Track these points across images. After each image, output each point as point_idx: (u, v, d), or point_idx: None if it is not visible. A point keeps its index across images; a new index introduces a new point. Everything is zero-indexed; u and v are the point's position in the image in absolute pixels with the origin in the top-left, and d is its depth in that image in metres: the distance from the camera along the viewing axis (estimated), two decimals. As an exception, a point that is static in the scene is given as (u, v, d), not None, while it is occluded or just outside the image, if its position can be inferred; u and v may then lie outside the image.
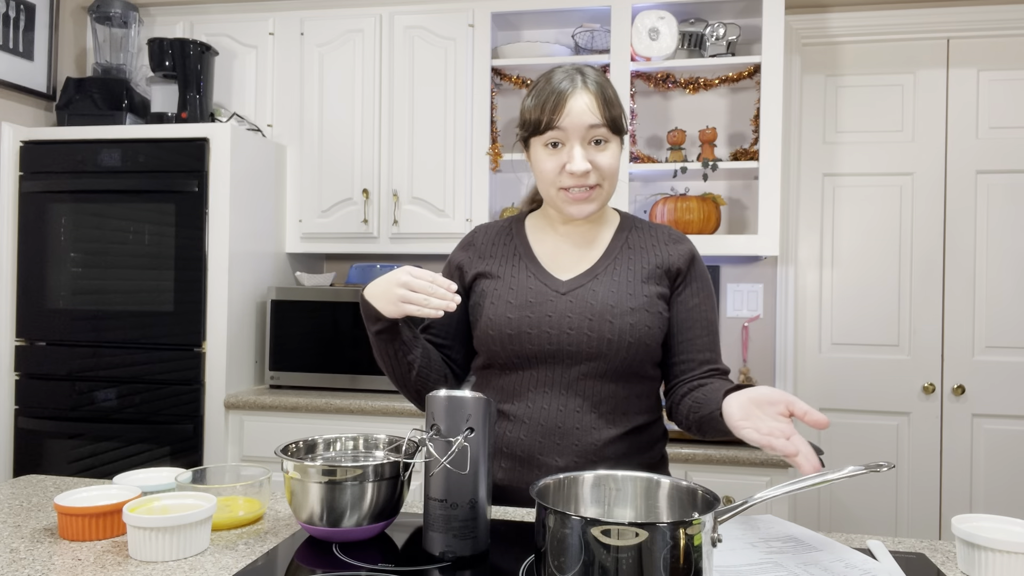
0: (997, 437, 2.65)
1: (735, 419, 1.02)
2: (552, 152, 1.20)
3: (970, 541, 0.95)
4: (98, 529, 1.04)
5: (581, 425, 1.20)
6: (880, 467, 0.87)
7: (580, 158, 1.17)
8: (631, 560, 0.77)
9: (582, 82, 1.19)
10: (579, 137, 1.18)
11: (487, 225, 1.36)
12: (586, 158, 1.17)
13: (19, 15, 2.68)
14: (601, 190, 1.21)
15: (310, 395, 2.51)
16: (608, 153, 1.20)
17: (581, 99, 1.18)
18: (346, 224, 2.75)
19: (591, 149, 1.19)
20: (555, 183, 1.20)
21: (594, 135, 1.18)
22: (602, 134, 1.19)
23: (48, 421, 2.54)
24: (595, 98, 1.18)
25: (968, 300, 2.67)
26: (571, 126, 1.17)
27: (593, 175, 1.19)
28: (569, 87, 1.18)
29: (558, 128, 1.18)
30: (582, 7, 2.60)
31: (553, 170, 1.20)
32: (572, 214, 1.22)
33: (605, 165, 1.19)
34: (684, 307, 1.26)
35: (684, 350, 1.25)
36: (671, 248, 1.28)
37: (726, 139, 2.76)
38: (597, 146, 1.19)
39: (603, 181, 1.20)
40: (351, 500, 1.01)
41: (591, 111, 1.17)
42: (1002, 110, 2.66)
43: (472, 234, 1.35)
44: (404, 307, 1.12)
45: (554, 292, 1.23)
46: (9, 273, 2.58)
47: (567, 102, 1.17)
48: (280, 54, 2.82)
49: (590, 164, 1.18)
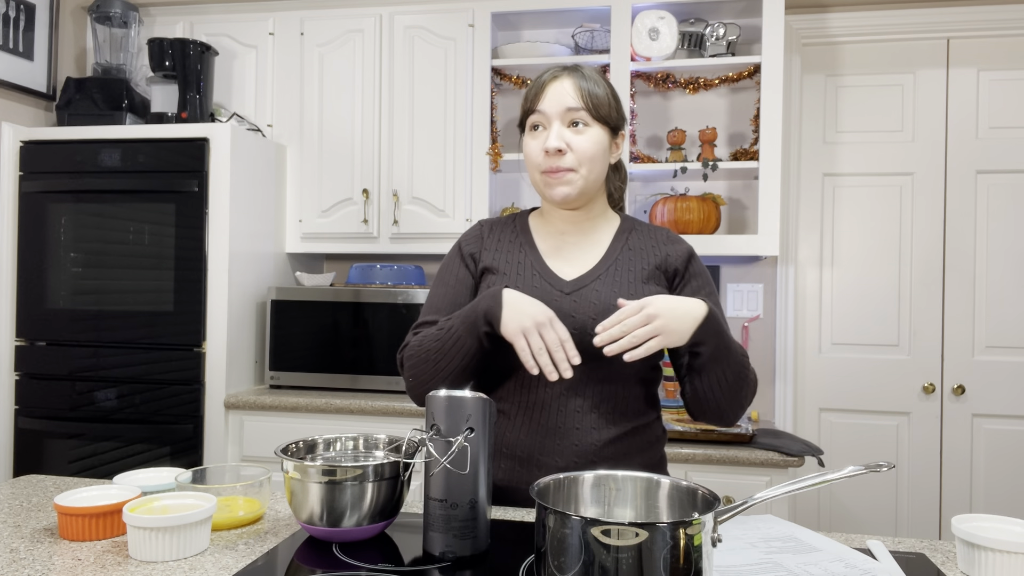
0: (997, 437, 2.65)
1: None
2: (534, 135, 1.23)
3: (970, 541, 0.95)
4: (98, 529, 1.04)
5: (581, 425, 1.20)
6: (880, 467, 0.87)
7: (554, 136, 1.20)
8: (631, 560, 0.77)
9: (565, 70, 1.23)
10: (558, 118, 1.21)
11: (492, 220, 1.36)
12: (561, 138, 1.19)
13: (19, 15, 2.68)
14: (577, 175, 1.21)
15: (310, 395, 2.51)
16: (585, 137, 1.21)
17: (561, 84, 1.21)
18: (346, 224, 2.75)
19: (568, 131, 1.21)
20: (538, 166, 1.23)
21: (572, 117, 1.20)
22: (581, 117, 1.20)
23: (48, 421, 2.54)
24: (575, 82, 1.21)
25: (968, 300, 2.67)
26: (549, 108, 1.21)
27: (569, 157, 1.20)
28: (551, 75, 1.23)
29: (539, 112, 1.22)
30: (582, 7, 2.60)
31: (535, 153, 1.23)
32: (551, 197, 1.23)
33: (581, 148, 1.20)
34: None
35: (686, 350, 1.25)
36: (669, 248, 1.29)
37: (726, 139, 2.76)
38: (575, 128, 1.21)
39: (580, 166, 1.21)
40: (351, 500, 1.01)
41: (569, 94, 1.20)
42: (1002, 110, 2.66)
43: (480, 227, 1.35)
44: (520, 340, 1.10)
45: (559, 292, 1.23)
46: (9, 273, 2.58)
47: (547, 87, 1.22)
48: (280, 54, 2.82)
49: (565, 144, 1.19)
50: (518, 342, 1.10)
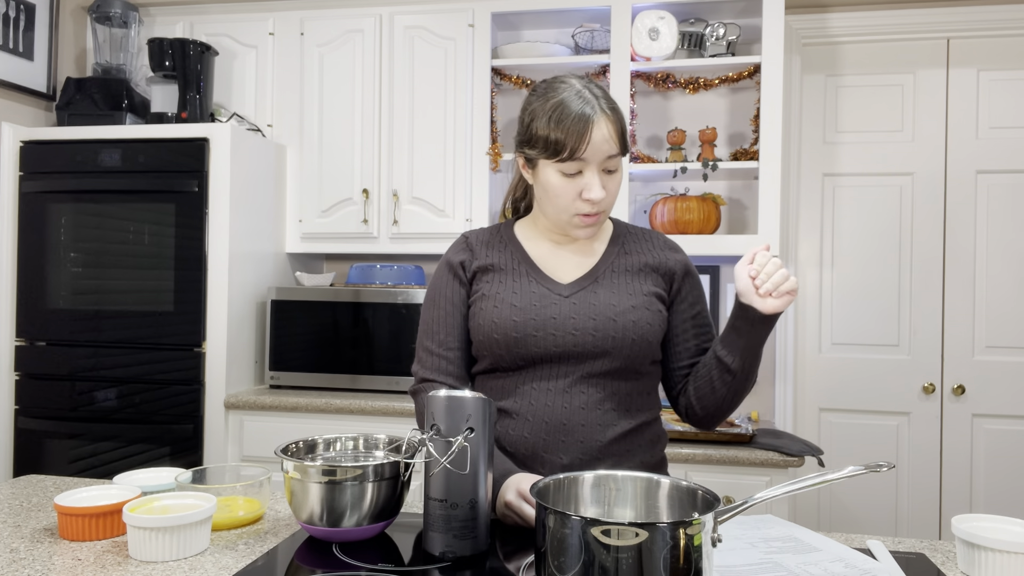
0: (997, 437, 2.65)
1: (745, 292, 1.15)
2: (569, 179, 1.19)
3: (970, 541, 0.95)
4: (98, 529, 1.04)
5: (587, 422, 1.20)
6: (880, 467, 0.87)
7: (599, 187, 1.18)
8: (631, 560, 0.77)
9: (600, 109, 1.18)
10: (597, 165, 1.18)
11: (477, 231, 1.36)
12: (603, 187, 1.19)
13: (19, 15, 2.68)
14: (604, 215, 1.24)
15: (310, 395, 2.51)
16: (617, 177, 1.22)
17: (602, 129, 1.17)
18: (346, 224, 2.75)
19: (605, 176, 1.20)
20: (571, 209, 1.21)
21: (609, 165, 1.19)
22: (615, 163, 1.20)
23: (48, 421, 2.54)
24: (614, 127, 1.18)
25: (968, 300, 2.67)
26: (592, 156, 1.17)
27: (603, 203, 1.21)
28: (591, 114, 1.16)
29: (581, 160, 1.17)
30: (582, 7, 2.60)
31: (570, 196, 1.20)
32: (580, 236, 1.25)
33: (612, 192, 1.21)
34: (681, 318, 1.29)
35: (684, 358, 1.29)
36: (667, 254, 1.30)
37: (726, 139, 2.76)
38: (610, 175, 1.20)
39: (609, 208, 1.23)
40: (351, 500, 1.01)
41: (610, 141, 1.17)
42: (1002, 110, 2.65)
43: (464, 238, 1.34)
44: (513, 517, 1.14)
45: (557, 295, 1.24)
46: (9, 273, 2.58)
47: (590, 132, 1.16)
48: (280, 54, 2.82)
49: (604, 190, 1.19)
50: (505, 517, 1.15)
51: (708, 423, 1.28)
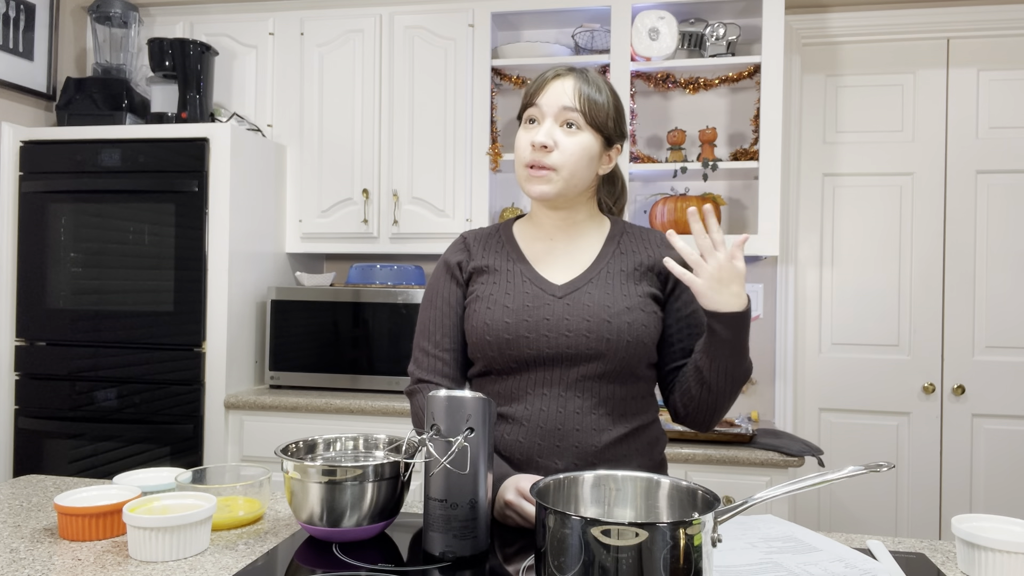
0: (997, 437, 2.65)
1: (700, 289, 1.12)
2: (528, 129, 1.24)
3: (970, 541, 0.95)
4: (98, 529, 1.04)
5: (582, 426, 1.19)
6: (880, 467, 0.87)
7: (544, 132, 1.20)
8: (631, 560, 0.77)
9: (570, 71, 1.24)
10: (553, 115, 1.21)
11: (474, 232, 1.36)
12: (550, 135, 1.20)
13: (19, 15, 2.68)
14: (557, 175, 1.21)
15: (310, 395, 2.51)
16: (575, 139, 1.21)
17: (563, 83, 1.22)
18: (346, 224, 2.75)
19: (560, 130, 1.21)
20: (523, 159, 1.23)
21: (567, 117, 1.20)
22: (574, 118, 1.20)
23: (48, 421, 2.54)
24: (576, 84, 1.21)
25: (968, 300, 2.67)
26: (546, 104, 1.21)
27: (554, 156, 1.20)
28: (554, 73, 1.24)
29: (536, 106, 1.22)
30: (582, 7, 2.60)
31: (524, 146, 1.23)
32: (529, 192, 1.24)
33: (567, 149, 1.20)
34: (675, 316, 1.27)
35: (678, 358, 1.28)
36: (663, 252, 1.28)
37: (726, 139, 2.76)
38: (568, 128, 1.21)
39: (562, 167, 1.20)
40: (351, 500, 1.01)
41: (567, 94, 1.20)
42: (1002, 110, 2.66)
43: (463, 239, 1.34)
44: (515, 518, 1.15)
45: (550, 296, 1.22)
46: (9, 273, 2.58)
47: (549, 83, 1.22)
48: (280, 54, 2.82)
49: (553, 141, 1.20)
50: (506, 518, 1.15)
51: (697, 424, 1.26)
